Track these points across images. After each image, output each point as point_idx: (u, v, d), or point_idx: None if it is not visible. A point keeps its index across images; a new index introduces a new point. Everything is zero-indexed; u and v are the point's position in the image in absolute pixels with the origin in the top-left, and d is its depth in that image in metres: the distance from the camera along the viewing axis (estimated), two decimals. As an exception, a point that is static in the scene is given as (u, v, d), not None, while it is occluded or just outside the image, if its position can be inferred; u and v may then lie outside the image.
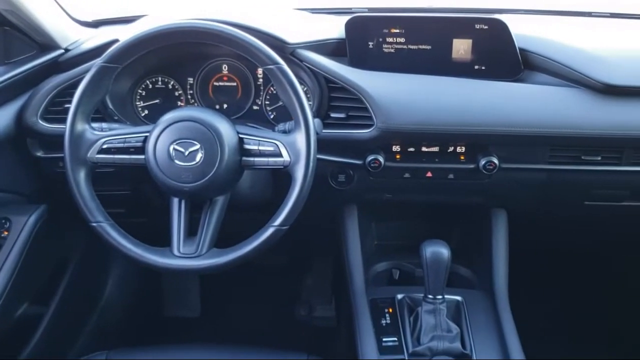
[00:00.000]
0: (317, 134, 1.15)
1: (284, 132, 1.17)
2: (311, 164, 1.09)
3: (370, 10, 1.55)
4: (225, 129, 1.11)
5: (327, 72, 1.28)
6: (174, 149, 1.09)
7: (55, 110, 1.30)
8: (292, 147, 1.10)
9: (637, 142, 1.25)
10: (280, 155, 1.11)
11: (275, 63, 1.10)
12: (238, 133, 1.13)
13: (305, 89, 1.34)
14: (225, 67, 1.40)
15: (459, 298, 1.30)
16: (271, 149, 1.11)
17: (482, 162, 1.28)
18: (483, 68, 1.33)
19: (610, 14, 1.68)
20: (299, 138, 1.10)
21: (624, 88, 1.24)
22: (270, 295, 2.05)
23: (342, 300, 1.79)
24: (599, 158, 1.28)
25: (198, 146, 1.09)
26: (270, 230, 1.10)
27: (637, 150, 1.27)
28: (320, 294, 2.01)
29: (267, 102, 1.40)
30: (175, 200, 1.15)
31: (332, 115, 1.29)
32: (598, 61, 1.27)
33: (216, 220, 1.15)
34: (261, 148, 1.12)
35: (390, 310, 1.28)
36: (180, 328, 1.97)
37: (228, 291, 2.03)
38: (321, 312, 2.00)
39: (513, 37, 1.30)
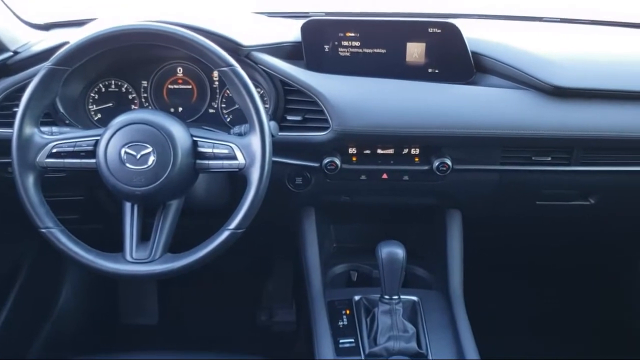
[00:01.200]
0: (272, 136, 1.15)
1: (240, 134, 1.17)
2: (266, 167, 1.09)
3: (328, 14, 1.56)
4: (178, 132, 1.09)
5: (283, 74, 1.28)
6: (126, 152, 1.08)
7: (3, 114, 1.27)
8: (247, 150, 1.10)
9: (585, 142, 1.29)
10: (235, 158, 1.10)
11: (229, 65, 1.09)
12: (192, 136, 1.12)
13: (261, 91, 1.34)
14: (180, 70, 1.39)
15: (415, 298, 1.31)
16: (226, 151, 1.11)
17: (436, 163, 1.30)
18: (436, 71, 1.35)
19: (561, 19, 1.73)
20: (254, 140, 1.10)
21: (571, 90, 1.27)
22: (230, 300, 2.04)
23: (302, 304, 1.79)
24: (549, 158, 1.31)
25: (150, 149, 1.08)
26: (225, 234, 1.09)
27: (586, 150, 1.31)
28: (281, 298, 2.00)
29: (223, 105, 1.39)
30: (128, 205, 1.13)
31: (289, 118, 1.30)
32: (547, 64, 1.31)
33: (170, 224, 1.14)
34: (215, 151, 1.11)
35: (348, 311, 1.29)
36: (138, 335, 1.94)
37: (187, 297, 2.01)
38: (282, 316, 1.99)
39: (465, 40, 1.32)
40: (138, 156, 1.08)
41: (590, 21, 1.70)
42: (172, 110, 1.39)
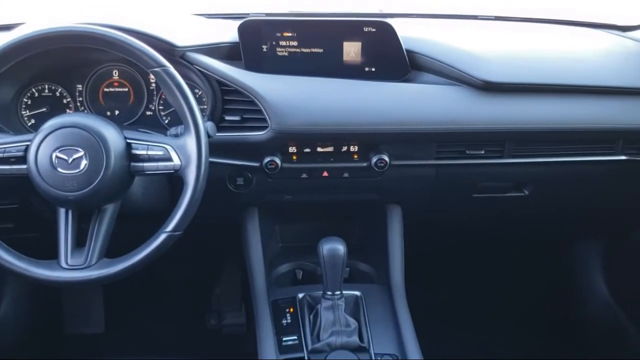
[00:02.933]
0: (210, 136, 1.15)
1: (176, 136, 1.16)
2: (203, 167, 1.09)
3: (268, 15, 1.56)
4: (111, 135, 1.08)
5: (219, 75, 1.28)
6: (57, 156, 1.06)
7: None
8: (183, 151, 1.09)
9: (516, 135, 1.33)
10: (170, 159, 1.09)
11: (161, 65, 1.09)
12: (125, 138, 1.10)
13: (199, 92, 1.34)
14: (116, 73, 1.37)
15: (358, 293, 1.33)
16: (160, 153, 1.10)
17: (374, 159, 1.32)
18: (373, 70, 1.37)
19: (495, 17, 1.78)
20: (189, 141, 1.09)
21: (501, 85, 1.31)
22: (179, 305, 2.02)
23: (250, 305, 1.79)
24: (483, 152, 1.35)
25: (82, 153, 1.06)
26: (162, 237, 1.09)
27: (517, 143, 1.35)
28: (230, 301, 1.99)
29: (160, 107, 1.38)
30: (62, 211, 1.11)
31: (227, 118, 1.29)
32: (478, 60, 1.35)
33: (106, 229, 1.12)
34: (150, 153, 1.10)
35: (292, 309, 1.29)
36: (84, 345, 1.90)
37: (134, 304, 1.97)
38: (231, 319, 1.98)
39: (400, 39, 1.35)
40: (70, 160, 1.06)
41: (522, 19, 1.76)
42: (108, 113, 1.37)
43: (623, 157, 1.39)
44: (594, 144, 1.38)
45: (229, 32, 1.37)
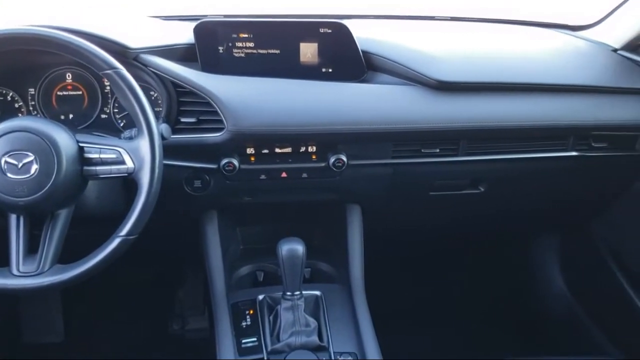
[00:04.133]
0: (164, 139, 1.14)
1: (130, 138, 1.15)
2: (157, 170, 1.07)
3: (227, 17, 1.55)
4: (63, 138, 1.06)
5: (174, 76, 1.26)
6: (6, 161, 1.03)
7: None
8: (136, 154, 1.08)
9: (470, 133, 1.35)
10: (123, 162, 1.08)
11: (113, 67, 1.07)
12: (78, 142, 1.09)
13: (155, 94, 1.33)
14: (69, 76, 1.34)
15: (318, 293, 1.34)
16: (113, 156, 1.08)
17: (332, 160, 1.32)
18: (330, 70, 1.38)
19: (451, 17, 1.80)
20: (143, 144, 1.08)
21: (455, 84, 1.33)
22: (141, 312, 1.99)
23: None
24: (438, 150, 1.37)
25: (32, 157, 1.04)
26: (116, 241, 1.07)
27: (471, 141, 1.37)
28: (193, 305, 1.98)
29: (115, 110, 1.36)
30: (13, 217, 1.08)
31: (183, 120, 1.28)
32: (432, 60, 1.36)
33: (59, 235, 1.10)
34: (103, 156, 1.08)
35: (251, 311, 1.29)
36: (43, 354, 1.85)
37: (94, 311, 1.94)
38: (194, 324, 1.96)
39: (355, 40, 1.36)
40: (20, 165, 1.03)
41: (478, 19, 1.79)
42: (62, 117, 1.34)
43: (574, 153, 1.42)
44: (546, 140, 1.41)
45: (185, 34, 1.36)
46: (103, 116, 1.36)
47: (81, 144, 1.09)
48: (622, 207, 1.61)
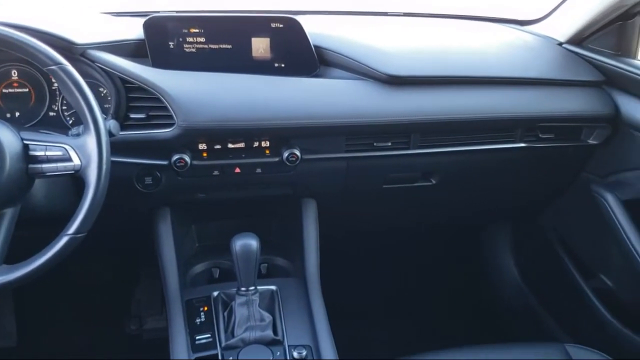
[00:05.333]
0: (113, 135, 1.13)
1: (77, 135, 1.13)
2: (104, 166, 1.06)
3: (180, 12, 1.54)
4: (5, 136, 1.03)
5: (122, 72, 1.25)
6: None
7: None
8: (82, 150, 1.06)
9: (421, 126, 1.37)
10: (69, 159, 1.06)
11: (57, 63, 1.05)
12: (23, 140, 1.06)
13: (104, 91, 1.30)
14: (15, 73, 1.31)
15: (273, 287, 1.34)
16: (59, 153, 1.06)
17: (285, 154, 1.32)
18: (283, 65, 1.38)
19: (404, 13, 1.83)
20: (89, 140, 1.06)
21: (405, 78, 1.35)
22: (97, 313, 1.96)
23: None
24: (390, 144, 1.38)
25: None
26: (63, 240, 1.05)
27: (422, 134, 1.39)
28: (150, 305, 1.95)
29: (64, 107, 1.33)
30: (-44, 217, 1.06)
31: (132, 116, 1.27)
32: (383, 55, 1.38)
33: (4, 235, 1.07)
34: (48, 153, 1.06)
35: (206, 308, 1.28)
36: (-6, 360, 1.81)
37: (48, 313, 1.90)
38: (152, 324, 1.94)
39: (307, 35, 1.37)
40: None
41: (430, 15, 1.82)
42: (8, 115, 1.31)
43: (522, 145, 1.46)
44: (495, 132, 1.44)
45: (135, 30, 1.35)
46: (51, 114, 1.33)
47: (26, 142, 1.06)
48: (570, 197, 1.66)
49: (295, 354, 1.18)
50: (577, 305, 1.66)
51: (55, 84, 1.32)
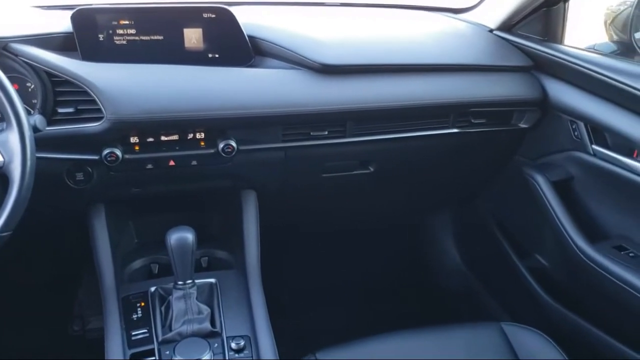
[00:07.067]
0: (39, 130, 1.10)
1: (1, 131, 1.09)
2: (28, 163, 1.03)
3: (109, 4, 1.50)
4: None
5: (47, 66, 1.21)
6: None
7: None
8: (5, 147, 1.03)
9: (355, 114, 1.38)
10: None
11: None
12: None
13: (32, 85, 1.26)
14: None
15: (212, 280, 1.33)
16: None
17: (221, 145, 1.31)
18: (217, 56, 1.36)
19: (341, 3, 1.84)
20: (12, 136, 1.03)
21: (338, 67, 1.35)
22: (39, 314, 1.90)
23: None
24: (326, 132, 1.39)
25: None
26: None
27: (358, 122, 1.40)
28: (93, 305, 1.90)
29: None
30: None
31: (60, 110, 1.23)
32: (317, 44, 1.38)
33: None
34: None
35: (143, 304, 1.26)
36: None
37: None
38: (95, 323, 1.89)
39: (240, 25, 1.36)
40: None
41: (366, 4, 1.83)
42: None
43: (455, 130, 1.48)
44: (429, 119, 1.46)
45: (64, 22, 1.31)
46: None
47: None
48: (505, 180, 1.70)
49: (233, 345, 1.18)
50: (515, 285, 1.71)
51: (-21, 80, 1.27)
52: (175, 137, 1.32)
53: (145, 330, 1.20)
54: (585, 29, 1.62)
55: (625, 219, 1.38)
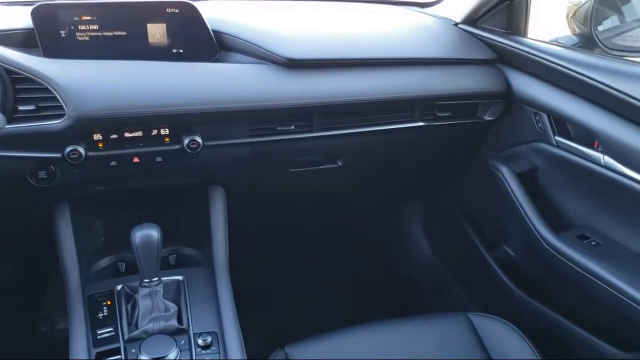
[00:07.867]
0: None
1: None
2: None
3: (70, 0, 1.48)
4: None
5: (7, 63, 1.19)
6: None
7: None
8: None
9: (322, 109, 1.38)
10: None
11: None
12: None
13: (-8, 83, 1.24)
14: None
15: (179, 277, 1.32)
16: None
17: (186, 141, 1.30)
18: (181, 51, 1.36)
19: (308, -4, 1.83)
20: None
21: (304, 61, 1.35)
22: (5, 315, 1.87)
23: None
24: (293, 127, 1.39)
25: None
26: None
27: (325, 116, 1.40)
28: (61, 306, 1.88)
29: None
30: None
31: (21, 108, 1.21)
32: (282, 39, 1.38)
33: None
34: None
35: (109, 302, 1.25)
36: None
37: None
38: (63, 324, 1.86)
39: (205, 20, 1.35)
40: None
41: (333, -2, 1.83)
42: None
43: (421, 124, 1.49)
44: (395, 113, 1.47)
45: (25, 19, 1.29)
46: None
47: None
48: (472, 172, 1.72)
49: (200, 341, 1.18)
50: (484, 275, 1.74)
51: None
52: (139, 133, 1.30)
53: (111, 329, 1.19)
54: (548, 22, 1.64)
55: (587, 208, 1.40)
